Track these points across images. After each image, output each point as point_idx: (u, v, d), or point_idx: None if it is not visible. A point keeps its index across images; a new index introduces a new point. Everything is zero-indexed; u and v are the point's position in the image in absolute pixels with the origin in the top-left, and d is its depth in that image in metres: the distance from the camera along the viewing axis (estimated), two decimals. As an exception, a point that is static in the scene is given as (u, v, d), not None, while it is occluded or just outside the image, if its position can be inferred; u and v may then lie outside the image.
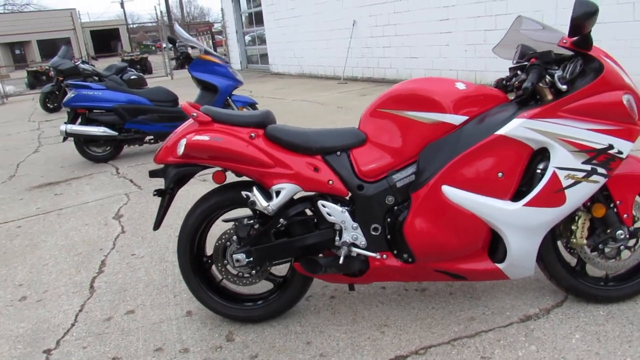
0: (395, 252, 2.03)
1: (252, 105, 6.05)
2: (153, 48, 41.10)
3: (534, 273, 2.10)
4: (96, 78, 7.50)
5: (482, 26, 7.77)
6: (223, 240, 2.17)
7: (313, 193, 2.09)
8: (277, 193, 2.00)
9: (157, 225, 2.23)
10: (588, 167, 1.85)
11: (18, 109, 12.29)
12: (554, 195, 1.86)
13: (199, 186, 4.31)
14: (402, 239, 1.97)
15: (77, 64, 9.08)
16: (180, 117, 5.56)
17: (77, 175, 5.29)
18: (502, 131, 1.84)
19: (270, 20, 14.32)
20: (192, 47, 5.82)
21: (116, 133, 5.50)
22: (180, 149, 2.02)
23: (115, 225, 3.69)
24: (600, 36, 6.12)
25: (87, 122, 5.54)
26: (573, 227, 2.02)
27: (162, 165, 2.13)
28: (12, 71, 28.38)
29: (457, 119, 1.92)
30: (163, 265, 2.92)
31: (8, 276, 3.00)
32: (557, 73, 1.86)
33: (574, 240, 2.02)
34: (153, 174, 2.18)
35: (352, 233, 2.02)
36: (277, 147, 2.03)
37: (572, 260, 2.16)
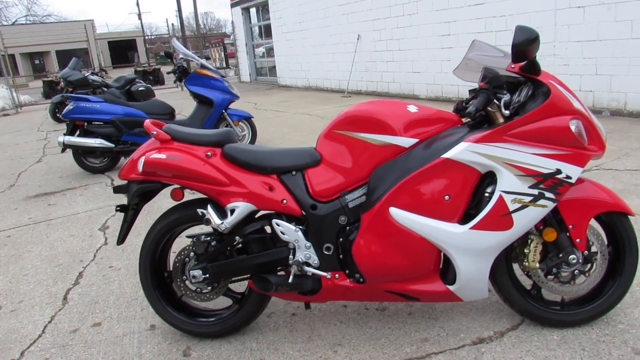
0: (347, 272, 2.04)
1: (248, 118, 6.13)
2: (169, 59, 41.70)
3: (488, 295, 2.11)
4: (105, 89, 7.67)
5: (482, 42, 7.75)
6: (182, 256, 2.21)
7: (271, 212, 2.13)
8: (232, 211, 2.04)
9: (120, 240, 2.28)
10: (535, 192, 1.85)
11: (30, 118, 12.57)
12: (501, 218, 1.86)
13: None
14: (352, 259, 1.99)
15: (86, 75, 9.29)
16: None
17: (73, 185, 5.40)
18: (448, 154, 1.86)
19: (278, 34, 14.49)
20: (190, 61, 5.93)
21: (113, 145, 5.60)
22: (140, 166, 2.07)
23: (100, 236, 3.75)
24: (599, 54, 6.12)
25: (85, 133, 5.66)
26: (526, 251, 2.02)
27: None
28: (31, 80, 29.02)
29: (406, 142, 1.94)
30: (137, 279, 2.96)
31: (-12, 286, 3.07)
32: (504, 98, 1.88)
33: (527, 263, 2.02)
34: (117, 189, 2.23)
35: (305, 252, 2.05)
36: (233, 166, 2.07)
37: (529, 284, 2.15)
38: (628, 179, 3.89)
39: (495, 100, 1.88)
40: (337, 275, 2.05)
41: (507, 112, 1.84)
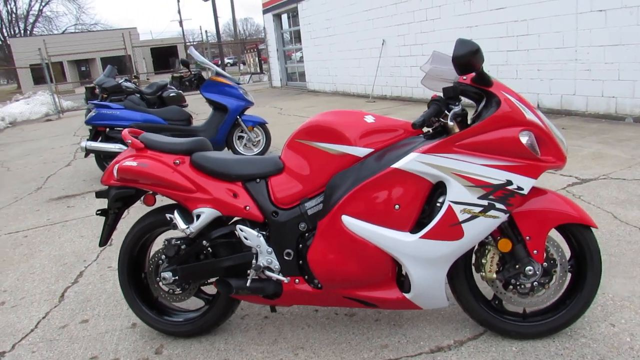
0: (306, 277, 2.10)
1: (262, 124, 6.26)
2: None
3: (450, 304, 2.12)
4: (138, 95, 8.00)
5: (504, 47, 7.64)
6: (156, 259, 2.33)
7: (239, 217, 2.21)
8: (198, 216, 2.14)
9: (103, 242, 2.42)
10: (485, 202, 1.86)
11: (69, 123, 13.17)
12: (451, 228, 1.88)
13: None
14: (308, 265, 2.04)
15: (120, 82, 9.70)
16: (192, 136, 5.85)
17: (94, 189, 5.66)
18: (397, 164, 1.89)
19: (307, 39, 14.65)
20: (205, 69, 6.12)
21: (131, 150, 5.83)
22: (115, 173, 2.20)
23: (106, 238, 3.93)
24: (621, 59, 5.93)
25: (106, 139, 5.92)
26: (483, 261, 2.02)
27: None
28: (78, 87, 30.33)
29: (361, 151, 1.99)
30: (130, 279, 3.10)
31: (-3, 282, 3.30)
32: (455, 109, 1.90)
33: (484, 274, 2.02)
34: (98, 194, 2.38)
35: (266, 257, 2.12)
36: (201, 174, 2.17)
37: (491, 294, 2.15)
38: (634, 189, 3.77)
39: (446, 111, 1.90)
40: (297, 280, 2.11)
41: (451, 124, 1.86)
